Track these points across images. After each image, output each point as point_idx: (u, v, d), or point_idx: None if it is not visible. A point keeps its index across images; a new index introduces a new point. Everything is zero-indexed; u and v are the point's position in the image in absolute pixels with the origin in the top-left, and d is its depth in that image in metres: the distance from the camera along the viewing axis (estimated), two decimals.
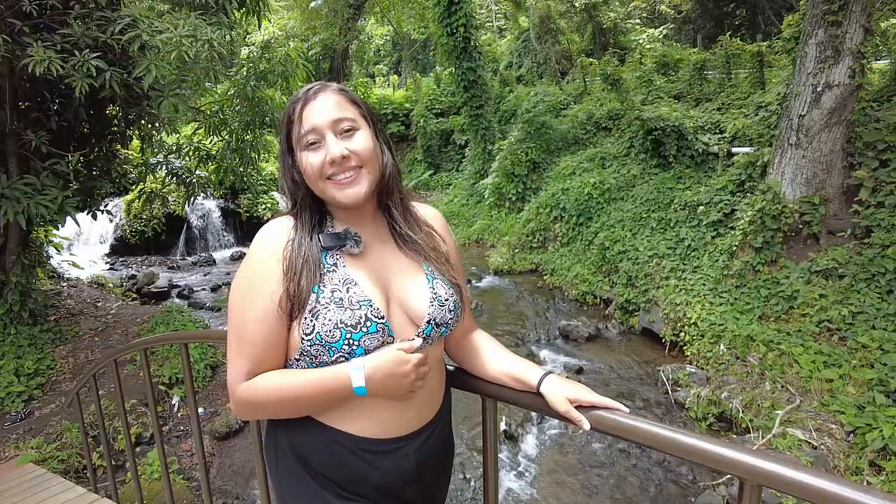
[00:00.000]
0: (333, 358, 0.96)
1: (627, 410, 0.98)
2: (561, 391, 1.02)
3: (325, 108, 1.01)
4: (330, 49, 18.76)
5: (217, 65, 4.40)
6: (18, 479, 3.54)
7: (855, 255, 5.10)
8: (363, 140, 1.02)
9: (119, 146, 5.57)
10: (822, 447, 4.04)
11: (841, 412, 4.20)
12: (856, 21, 5.19)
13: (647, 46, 14.27)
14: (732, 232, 6.01)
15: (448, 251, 1.15)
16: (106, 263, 10.67)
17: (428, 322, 1.04)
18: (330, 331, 0.95)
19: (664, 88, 9.99)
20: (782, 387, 4.65)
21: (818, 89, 5.43)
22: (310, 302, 0.97)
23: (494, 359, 1.16)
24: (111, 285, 8.33)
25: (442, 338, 1.10)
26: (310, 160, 1.00)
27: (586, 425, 0.98)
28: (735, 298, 5.60)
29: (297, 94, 1.05)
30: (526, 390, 1.08)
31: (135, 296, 8.40)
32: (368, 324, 0.97)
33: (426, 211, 1.19)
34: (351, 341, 0.96)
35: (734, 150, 7.22)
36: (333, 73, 19.08)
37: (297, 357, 1.00)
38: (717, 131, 7.83)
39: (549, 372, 1.07)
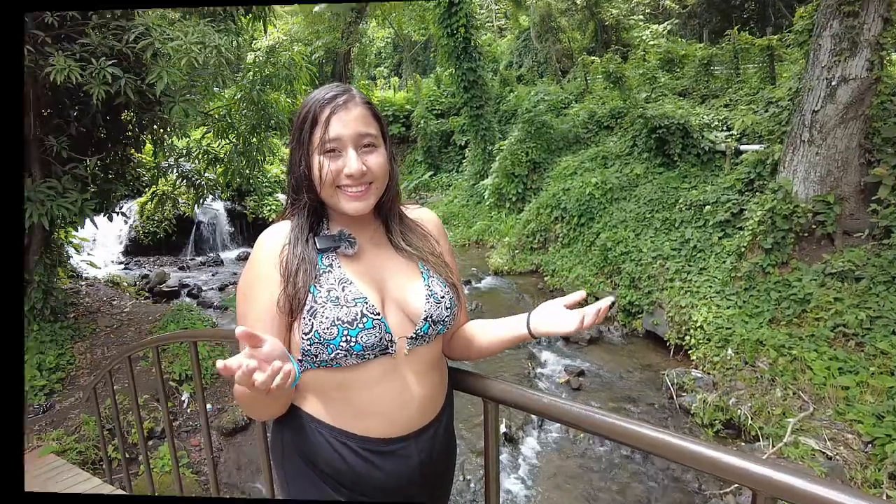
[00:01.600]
0: (332, 355, 0.99)
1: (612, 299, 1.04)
2: (552, 310, 1.10)
3: (353, 120, 1.03)
4: (332, 52, 18.95)
5: (225, 70, 4.60)
6: (41, 468, 3.79)
7: (873, 256, 4.88)
8: (380, 159, 1.06)
9: (133, 150, 5.86)
10: (838, 458, 3.83)
11: (858, 421, 4.00)
12: (874, 11, 4.97)
13: (651, 43, 13.99)
14: (741, 232, 5.79)
15: (442, 252, 1.19)
16: (120, 263, 11.07)
17: (425, 319, 1.07)
18: (327, 328, 0.98)
19: (668, 85, 9.81)
20: (794, 394, 4.44)
21: (833, 83, 5.21)
22: (307, 302, 1.00)
23: (483, 333, 1.22)
24: (125, 284, 8.65)
25: (440, 337, 1.13)
26: (327, 167, 1.03)
27: (609, 298, 1.03)
28: (743, 301, 5.38)
29: (321, 96, 1.04)
30: (525, 340, 1.17)
31: (147, 294, 8.64)
32: (364, 320, 1.00)
33: (421, 213, 1.23)
34: (348, 338, 0.99)
35: (743, 147, 7.02)
36: (336, 75, 19.23)
37: (299, 358, 1.02)
38: (725, 128, 7.61)
39: (527, 314, 1.15)
